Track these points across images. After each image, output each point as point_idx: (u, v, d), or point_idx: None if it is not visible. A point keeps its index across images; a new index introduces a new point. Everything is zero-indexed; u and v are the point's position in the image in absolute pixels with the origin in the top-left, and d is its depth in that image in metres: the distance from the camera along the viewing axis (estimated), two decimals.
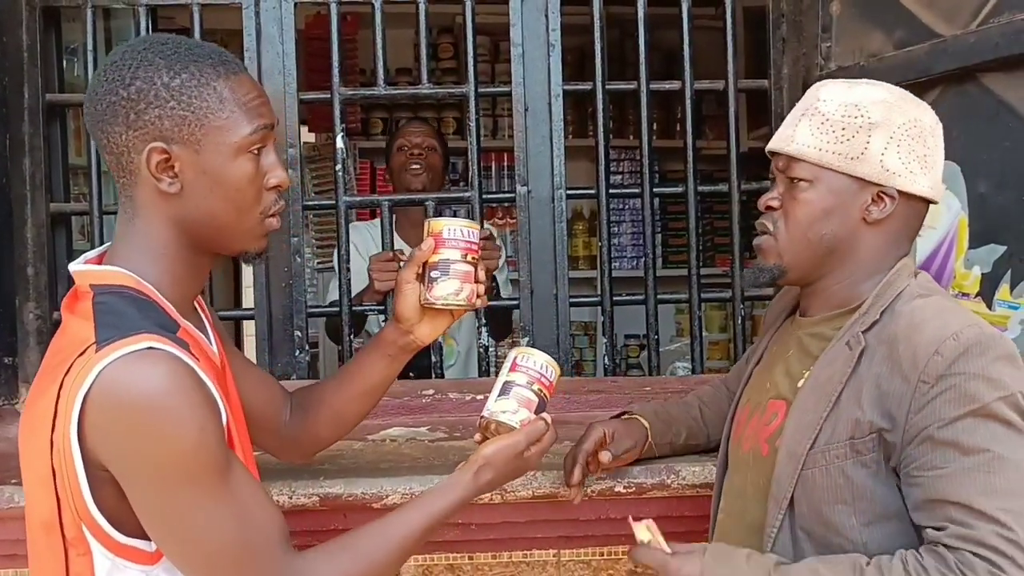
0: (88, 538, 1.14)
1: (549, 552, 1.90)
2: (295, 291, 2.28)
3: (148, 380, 1.08)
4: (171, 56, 1.18)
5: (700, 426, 1.72)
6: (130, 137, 1.17)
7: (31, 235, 2.23)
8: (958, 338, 1.21)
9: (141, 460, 1.10)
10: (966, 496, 1.17)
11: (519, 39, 2.31)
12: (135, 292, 1.19)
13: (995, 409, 1.18)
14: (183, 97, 1.16)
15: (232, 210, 1.22)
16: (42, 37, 2.25)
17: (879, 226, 1.34)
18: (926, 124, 1.35)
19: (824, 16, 2.13)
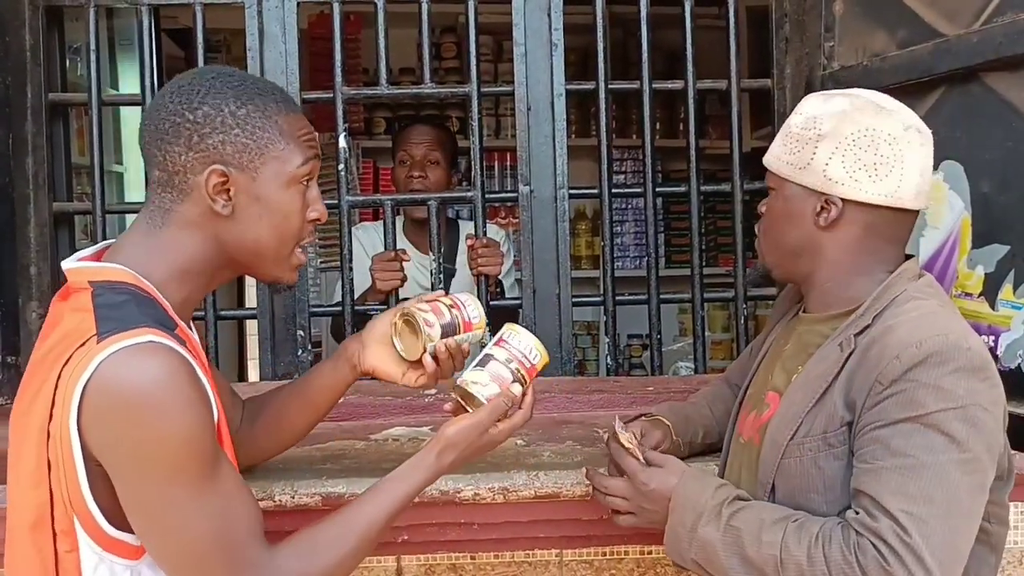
0: (78, 531, 1.16)
1: (552, 552, 1.89)
2: (298, 290, 2.28)
3: (147, 373, 1.10)
4: (238, 87, 1.25)
5: (713, 423, 1.75)
6: (190, 158, 1.23)
7: (34, 234, 2.23)
8: (920, 346, 1.25)
9: (132, 450, 1.11)
10: (878, 492, 1.23)
11: (522, 38, 2.31)
12: (134, 288, 1.21)
13: (937, 420, 1.22)
14: (247, 126, 1.24)
15: (276, 236, 1.29)
16: (45, 36, 2.26)
17: (835, 231, 1.39)
18: (882, 132, 1.36)
19: (827, 16, 2.12)
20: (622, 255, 4.84)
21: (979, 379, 1.25)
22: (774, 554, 1.28)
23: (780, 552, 1.28)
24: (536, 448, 1.87)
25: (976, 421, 1.23)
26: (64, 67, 2.39)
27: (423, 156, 2.73)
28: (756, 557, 1.30)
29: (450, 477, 1.69)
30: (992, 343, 1.69)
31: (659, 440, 1.65)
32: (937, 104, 1.81)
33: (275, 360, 2.27)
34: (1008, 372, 1.66)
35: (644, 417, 1.72)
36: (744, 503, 1.38)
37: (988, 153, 1.69)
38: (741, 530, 1.32)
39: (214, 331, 2.30)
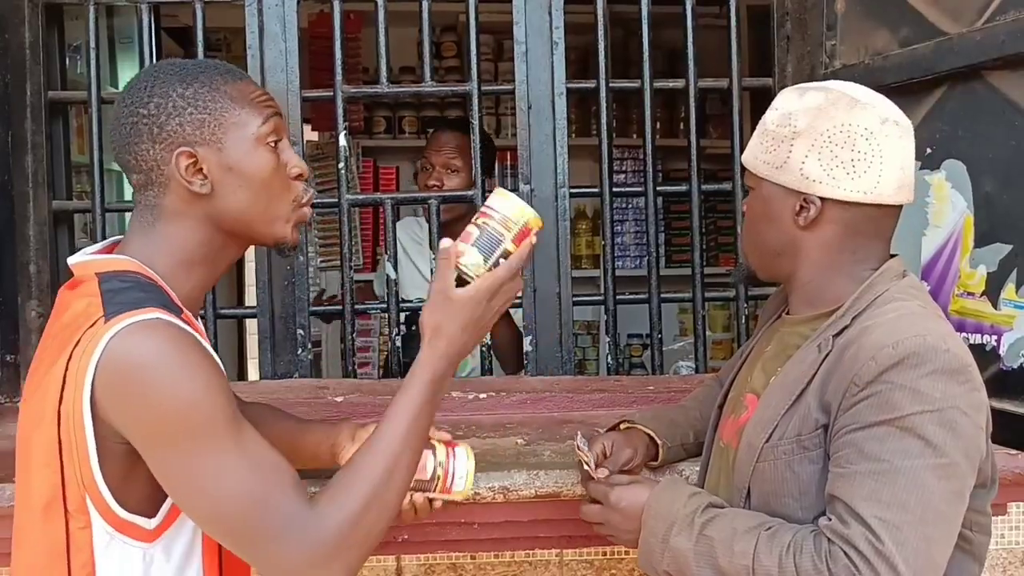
0: (90, 510, 1.17)
1: (552, 551, 1.89)
2: (297, 289, 2.27)
3: (155, 344, 1.13)
4: (181, 71, 1.27)
5: (702, 426, 1.71)
6: (157, 150, 1.25)
7: (33, 232, 2.23)
8: (896, 347, 1.22)
9: (152, 419, 1.13)
10: (851, 497, 1.21)
11: (522, 37, 2.30)
12: (139, 275, 1.24)
13: (912, 423, 1.20)
14: (198, 102, 1.25)
15: (262, 199, 1.29)
16: (44, 34, 2.25)
17: (815, 230, 1.36)
18: (858, 128, 1.32)
19: (829, 14, 2.12)
20: (622, 254, 4.84)
21: (957, 382, 1.22)
22: (746, 564, 1.25)
23: (752, 562, 1.25)
24: (536, 447, 1.87)
25: (953, 425, 1.20)
26: (64, 65, 2.38)
27: (442, 164, 2.71)
28: (728, 567, 1.27)
29: None
30: (995, 342, 1.68)
31: (629, 457, 1.60)
32: (939, 103, 1.80)
33: (275, 359, 2.27)
34: (1011, 371, 1.65)
35: (623, 425, 1.69)
36: (718, 511, 1.35)
37: (991, 152, 1.69)
38: (713, 539, 1.30)
39: (214, 330, 2.30)
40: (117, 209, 2.73)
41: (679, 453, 1.69)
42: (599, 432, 1.66)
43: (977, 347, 1.71)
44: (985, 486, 1.32)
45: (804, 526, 1.27)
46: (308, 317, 2.28)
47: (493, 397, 2.20)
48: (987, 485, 1.33)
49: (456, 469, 1.49)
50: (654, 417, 1.70)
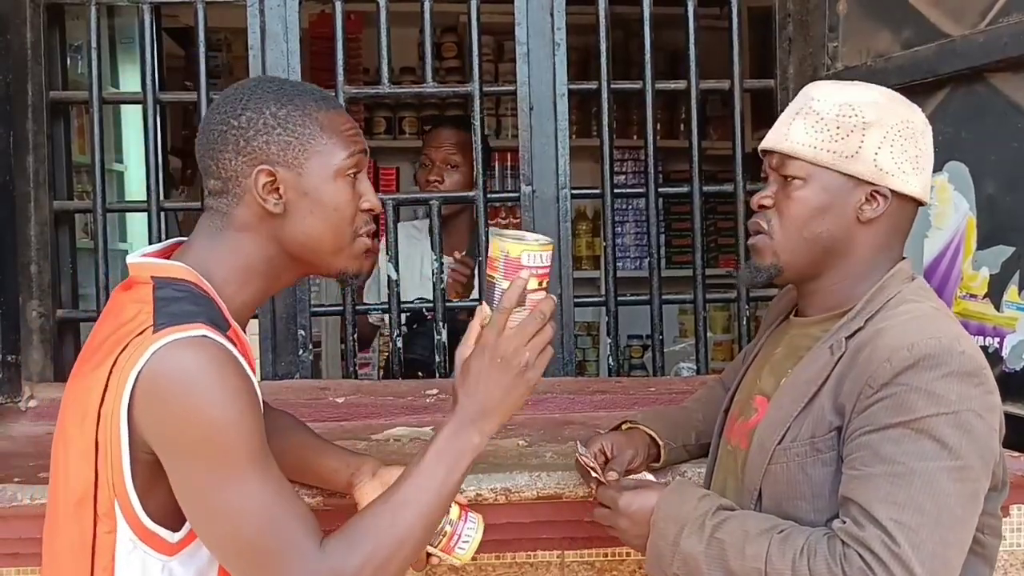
0: (117, 516, 1.18)
1: (553, 553, 1.89)
2: (298, 290, 2.27)
3: (197, 363, 1.14)
4: (278, 91, 1.30)
5: (705, 427, 1.71)
6: (239, 162, 1.27)
7: (34, 233, 2.23)
8: (912, 349, 1.21)
9: (182, 435, 1.14)
10: (867, 500, 1.20)
11: (524, 38, 2.30)
12: (194, 286, 1.25)
13: (928, 425, 1.19)
14: (288, 125, 1.27)
15: (329, 229, 1.30)
16: (46, 34, 2.25)
17: (872, 225, 1.34)
18: (917, 126, 1.35)
19: (831, 16, 2.12)
20: (623, 256, 4.83)
21: (972, 384, 1.21)
22: (758, 567, 1.24)
23: (765, 565, 1.24)
24: (538, 449, 1.87)
25: (969, 427, 1.19)
26: (65, 65, 2.39)
27: (443, 160, 2.72)
28: (740, 570, 1.26)
29: None
30: (997, 344, 1.68)
31: (630, 458, 1.58)
32: (942, 105, 1.80)
33: (276, 359, 2.27)
34: (1013, 373, 1.65)
35: (624, 426, 1.67)
36: (729, 513, 1.33)
37: (993, 154, 1.69)
38: (725, 542, 1.28)
39: None
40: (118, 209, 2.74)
41: (681, 454, 1.68)
42: (600, 432, 1.65)
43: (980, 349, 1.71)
44: (997, 489, 1.32)
45: (817, 529, 1.26)
46: (309, 318, 2.28)
47: None
48: (999, 488, 1.32)
49: (464, 532, 1.47)
50: (656, 418, 1.69)
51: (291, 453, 1.54)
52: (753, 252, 1.42)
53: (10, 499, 1.66)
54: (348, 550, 1.18)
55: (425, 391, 2.21)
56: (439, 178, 2.68)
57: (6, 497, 1.66)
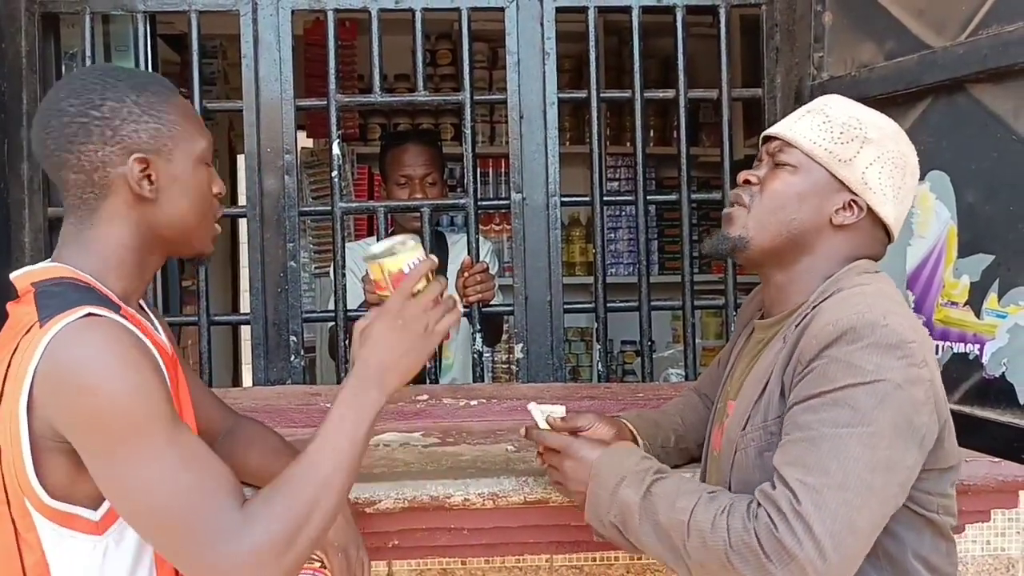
0: (31, 512, 1.19)
1: (542, 557, 1.91)
2: (291, 296, 2.29)
3: (90, 342, 1.16)
4: (130, 79, 1.31)
5: (684, 431, 1.74)
6: (107, 152, 1.27)
7: (28, 239, 2.24)
8: (836, 324, 1.26)
9: (89, 418, 1.15)
10: (780, 463, 1.26)
11: (515, 47, 2.33)
12: (71, 279, 1.27)
13: (843, 395, 1.23)
14: (152, 112, 1.30)
15: (197, 213, 1.36)
16: (41, 43, 2.27)
17: (842, 232, 1.40)
18: (910, 164, 1.43)
19: (817, 26, 2.14)
20: (616, 262, 4.86)
21: (894, 356, 1.24)
22: (683, 519, 1.29)
23: (688, 517, 1.28)
24: (526, 454, 1.88)
25: (884, 396, 1.22)
26: (60, 73, 2.40)
27: (422, 178, 2.70)
28: (666, 523, 1.31)
29: (440, 482, 1.70)
30: (978, 351, 1.70)
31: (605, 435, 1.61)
32: (924, 115, 1.83)
33: (268, 365, 2.28)
34: (993, 380, 1.67)
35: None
36: (668, 472, 1.40)
37: (974, 163, 1.71)
38: (658, 495, 1.34)
39: (207, 336, 2.32)
40: None
41: (659, 454, 1.69)
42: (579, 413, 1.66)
43: (960, 356, 1.73)
44: (945, 469, 1.35)
45: (737, 495, 1.31)
46: (301, 324, 2.30)
47: (483, 404, 2.22)
48: (942, 468, 1.34)
49: None
50: (638, 416, 1.73)
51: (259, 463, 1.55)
52: (725, 221, 1.47)
53: None
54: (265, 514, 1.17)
55: (415, 397, 2.23)
56: (423, 195, 2.67)
57: None
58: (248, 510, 1.17)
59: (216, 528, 1.15)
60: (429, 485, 1.70)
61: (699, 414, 1.73)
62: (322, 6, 2.32)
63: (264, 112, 2.30)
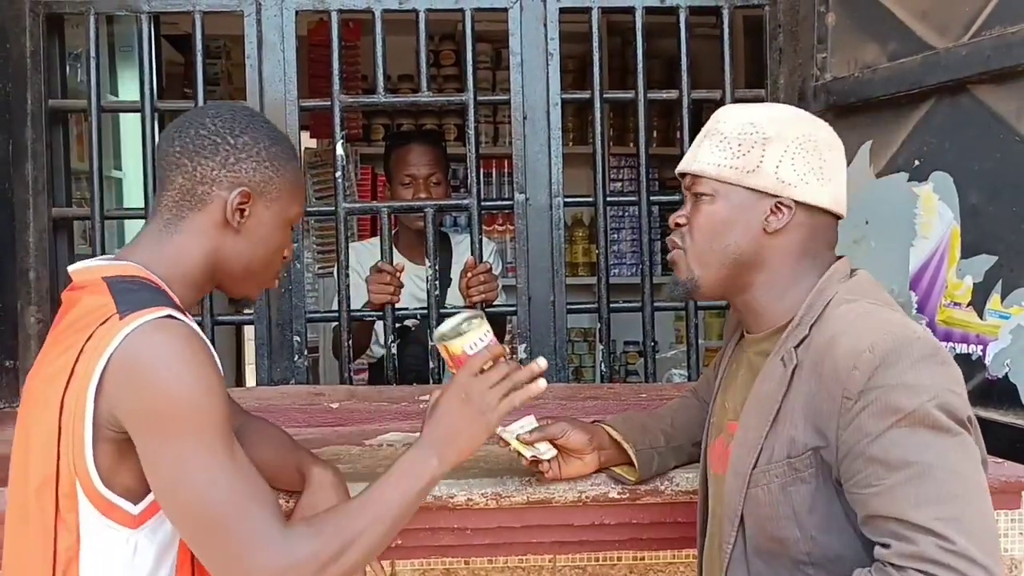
0: (79, 493, 1.23)
1: (544, 557, 1.91)
2: (294, 296, 2.30)
3: (167, 342, 1.21)
4: (271, 130, 1.44)
5: (674, 433, 1.71)
6: (222, 174, 1.36)
7: (33, 239, 2.25)
8: (873, 350, 1.21)
9: (154, 413, 1.20)
10: (900, 510, 1.17)
11: (518, 48, 2.33)
12: (145, 280, 1.32)
13: (919, 416, 1.19)
14: (275, 163, 1.40)
15: (264, 261, 1.43)
16: (45, 43, 2.28)
17: (781, 236, 1.37)
18: (822, 138, 1.39)
19: (820, 27, 2.14)
20: (619, 262, 4.86)
21: (937, 363, 1.22)
22: None
23: None
24: None
25: (950, 406, 1.20)
26: (64, 73, 2.41)
27: (426, 177, 2.71)
28: None
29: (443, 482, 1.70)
30: (980, 352, 1.70)
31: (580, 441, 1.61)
32: (927, 116, 1.83)
33: (271, 365, 2.29)
34: (996, 381, 1.67)
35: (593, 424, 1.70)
36: None
37: (977, 164, 1.71)
38: None
39: (211, 336, 2.32)
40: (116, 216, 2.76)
41: (651, 456, 1.67)
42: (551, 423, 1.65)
43: (963, 357, 1.73)
44: None
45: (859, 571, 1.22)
46: (305, 324, 2.31)
47: None
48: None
49: None
50: (622, 420, 1.70)
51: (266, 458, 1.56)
52: (672, 266, 1.46)
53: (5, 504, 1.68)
54: (308, 537, 1.23)
55: (418, 397, 2.23)
56: (428, 194, 2.68)
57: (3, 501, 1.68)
58: (290, 528, 1.23)
59: (257, 537, 1.21)
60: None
61: (691, 413, 1.71)
62: (326, 7, 2.33)
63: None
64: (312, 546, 1.22)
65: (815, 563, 1.29)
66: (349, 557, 1.25)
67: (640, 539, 1.84)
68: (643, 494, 1.74)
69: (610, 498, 1.74)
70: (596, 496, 1.73)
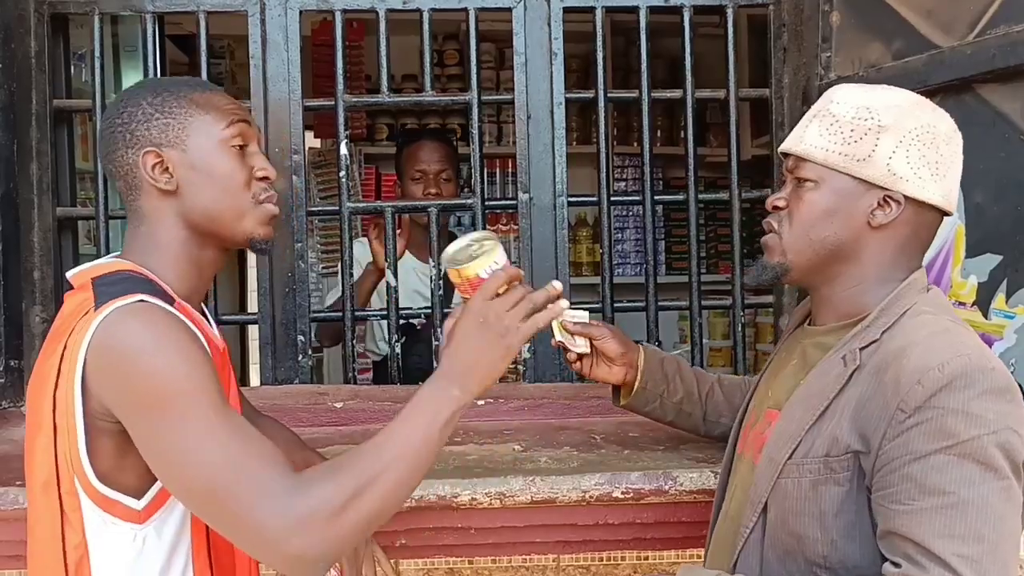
0: (79, 491, 1.23)
1: (548, 557, 1.91)
2: (298, 296, 2.30)
3: (140, 321, 1.20)
4: (154, 85, 1.38)
5: (699, 400, 1.71)
6: (129, 155, 1.34)
7: (38, 239, 2.26)
8: (943, 369, 1.17)
9: (137, 390, 1.17)
10: (923, 536, 1.14)
11: (522, 48, 2.33)
12: (131, 272, 1.31)
13: (971, 448, 1.14)
14: (164, 108, 1.34)
15: (225, 196, 1.36)
16: (50, 44, 2.28)
17: (884, 231, 1.31)
18: (940, 131, 1.32)
19: (824, 26, 2.14)
20: (623, 262, 4.85)
21: (1006, 400, 1.17)
22: None
23: None
24: (533, 454, 1.88)
25: (1008, 446, 1.15)
26: (69, 73, 2.41)
27: (436, 173, 2.75)
28: None
29: (447, 482, 1.70)
30: None
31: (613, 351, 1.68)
32: None
33: (276, 365, 2.29)
34: None
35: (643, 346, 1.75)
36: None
37: (981, 163, 1.71)
38: None
39: None
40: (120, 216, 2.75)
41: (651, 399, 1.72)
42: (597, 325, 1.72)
43: None
44: None
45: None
46: (309, 324, 2.31)
47: (491, 404, 2.23)
48: None
49: None
50: (659, 358, 1.73)
51: None
52: (765, 249, 1.42)
53: (12, 502, 1.69)
54: (319, 482, 1.16)
55: None
56: (437, 190, 2.72)
57: (8, 500, 1.69)
58: (299, 477, 1.16)
59: (264, 490, 1.14)
60: (436, 485, 1.70)
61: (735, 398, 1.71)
62: (330, 7, 2.33)
63: (272, 112, 2.30)
64: (325, 491, 1.14)
65: (830, 568, 1.25)
66: (368, 501, 1.16)
67: (644, 539, 1.85)
68: (647, 493, 1.75)
69: (614, 498, 1.74)
70: (600, 496, 1.74)
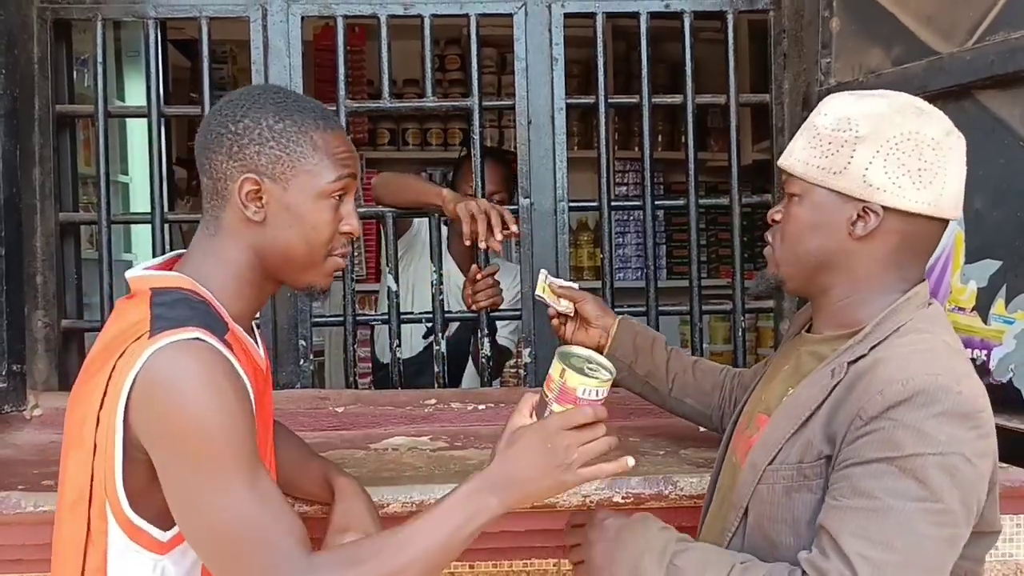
0: (108, 516, 1.22)
1: (549, 561, 1.91)
2: (300, 300, 2.30)
3: (190, 366, 1.18)
4: (279, 103, 1.33)
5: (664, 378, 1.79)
6: (230, 166, 1.31)
7: (40, 244, 2.26)
8: (906, 384, 1.17)
9: (172, 437, 1.18)
10: (838, 530, 1.16)
11: (523, 53, 2.34)
12: (190, 292, 1.30)
13: (913, 464, 1.15)
14: (282, 139, 1.31)
15: (305, 245, 1.34)
16: (53, 49, 2.29)
17: (869, 242, 1.30)
18: (925, 137, 1.28)
19: (824, 32, 2.15)
20: (624, 266, 4.85)
21: (966, 427, 1.16)
22: None
23: None
24: None
25: (954, 471, 1.15)
26: (71, 79, 2.42)
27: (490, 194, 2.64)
28: None
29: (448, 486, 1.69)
30: (985, 357, 1.70)
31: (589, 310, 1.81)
32: None
33: (277, 369, 2.29)
34: (999, 386, 1.67)
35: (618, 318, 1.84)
36: (689, 544, 1.32)
37: (980, 169, 1.70)
38: (683, 569, 1.26)
39: None
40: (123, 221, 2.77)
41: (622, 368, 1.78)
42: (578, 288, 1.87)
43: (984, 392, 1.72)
44: (982, 533, 1.27)
45: (778, 563, 1.23)
46: (310, 328, 2.31)
47: (491, 408, 2.23)
48: (985, 532, 1.28)
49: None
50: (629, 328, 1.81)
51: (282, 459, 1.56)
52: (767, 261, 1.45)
53: (14, 506, 1.69)
54: (337, 568, 1.18)
55: (423, 401, 2.23)
56: None
57: (10, 504, 1.69)
58: (314, 560, 1.18)
59: (279, 566, 1.16)
60: (437, 489, 1.70)
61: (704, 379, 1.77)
62: (331, 12, 2.34)
63: None
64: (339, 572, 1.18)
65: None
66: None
67: None
68: (647, 498, 1.75)
69: (614, 502, 1.74)
70: (600, 500, 1.73)
